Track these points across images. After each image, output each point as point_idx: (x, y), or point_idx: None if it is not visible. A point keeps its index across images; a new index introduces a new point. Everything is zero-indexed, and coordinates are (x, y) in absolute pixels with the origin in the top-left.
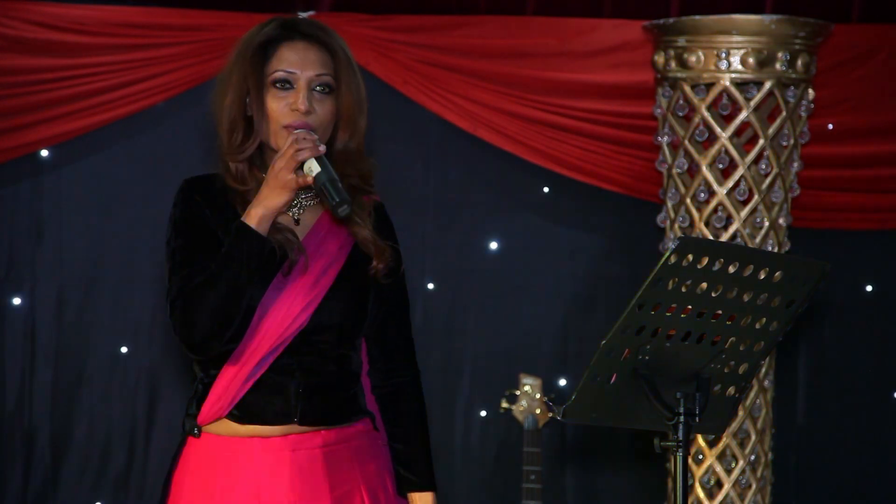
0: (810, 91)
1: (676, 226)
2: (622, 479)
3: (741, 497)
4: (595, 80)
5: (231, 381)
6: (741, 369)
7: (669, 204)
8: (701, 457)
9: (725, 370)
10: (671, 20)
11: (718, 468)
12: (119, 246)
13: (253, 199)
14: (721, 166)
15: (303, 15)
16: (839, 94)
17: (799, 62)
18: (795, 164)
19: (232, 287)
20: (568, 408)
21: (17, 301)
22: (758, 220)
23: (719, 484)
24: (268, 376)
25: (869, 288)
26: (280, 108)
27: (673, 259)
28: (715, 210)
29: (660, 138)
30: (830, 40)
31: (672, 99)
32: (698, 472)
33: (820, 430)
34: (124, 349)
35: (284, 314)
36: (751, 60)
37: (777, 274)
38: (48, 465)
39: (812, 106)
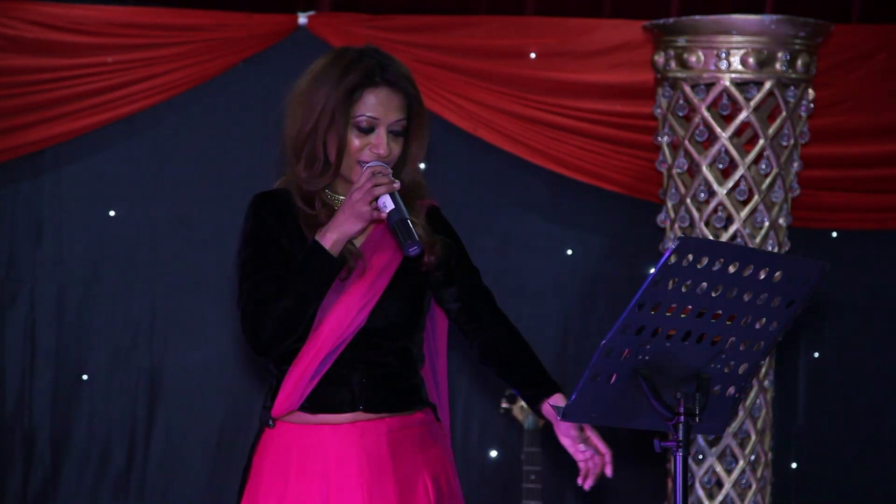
0: (810, 91)
1: (676, 226)
2: (622, 479)
3: (741, 497)
4: (595, 80)
5: (299, 378)
6: (741, 369)
7: (669, 204)
8: (701, 457)
9: (725, 370)
10: (671, 20)
11: (718, 468)
12: (119, 246)
13: (327, 223)
14: (721, 166)
15: (303, 15)
16: (839, 94)
17: (799, 62)
18: (795, 164)
19: (300, 299)
20: (568, 408)
21: (17, 301)
22: (758, 220)
23: (719, 484)
24: (333, 370)
25: (869, 288)
26: (360, 147)
27: (673, 259)
28: (715, 210)
29: (660, 138)
30: (830, 40)
31: (672, 99)
32: (698, 472)
33: (820, 430)
34: (124, 349)
35: (343, 315)
36: (751, 60)
37: (777, 274)
38: (48, 465)
39: (812, 106)
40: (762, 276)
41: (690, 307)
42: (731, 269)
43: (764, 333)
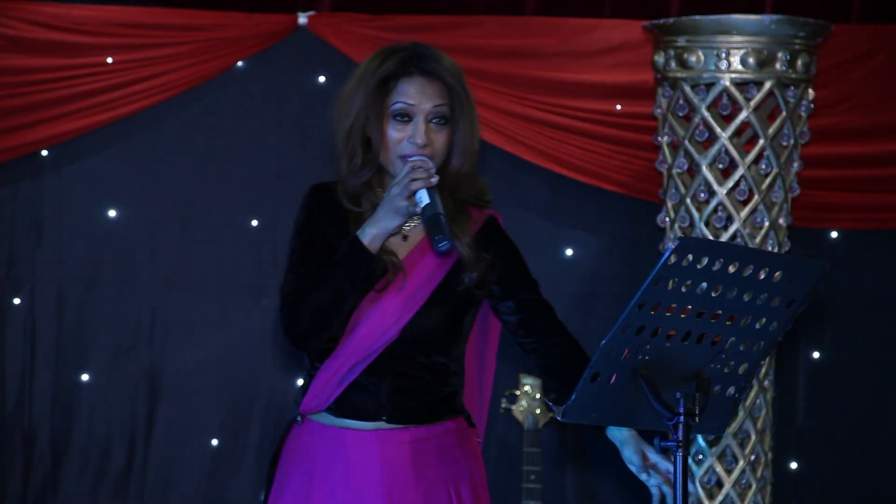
0: (810, 91)
1: (676, 226)
2: (622, 479)
3: (741, 497)
4: (595, 80)
5: (328, 381)
6: (741, 369)
7: (669, 204)
8: (701, 457)
9: (725, 370)
10: (671, 20)
11: (718, 468)
12: (119, 246)
13: (368, 218)
14: (721, 166)
15: (303, 15)
16: (839, 94)
17: (799, 62)
18: (795, 164)
19: (336, 293)
20: (568, 408)
21: (17, 301)
22: (758, 220)
23: (719, 484)
24: (363, 377)
25: (867, 288)
26: (399, 139)
27: (673, 259)
28: (715, 210)
29: (660, 138)
30: (830, 40)
31: (672, 99)
32: (698, 472)
33: (820, 430)
34: (124, 349)
35: (376, 326)
36: (751, 60)
37: (777, 274)
38: (48, 465)
39: (812, 106)
40: (762, 276)
41: (690, 307)
42: (731, 269)
43: (764, 333)
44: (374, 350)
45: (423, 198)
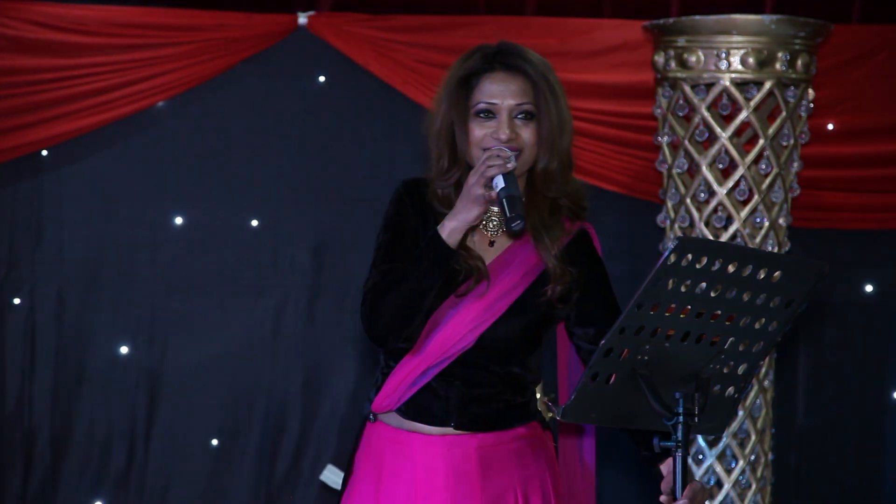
0: (810, 91)
1: (676, 226)
2: (622, 479)
3: (741, 497)
4: (595, 80)
5: (399, 383)
6: (740, 369)
7: (669, 204)
8: (701, 457)
9: (725, 370)
10: (671, 20)
11: (718, 468)
12: (119, 246)
13: (450, 212)
14: (721, 166)
15: (303, 15)
16: (839, 94)
17: (799, 62)
18: (795, 164)
19: (415, 289)
20: (567, 407)
21: (17, 301)
22: (758, 220)
23: (719, 484)
24: (434, 381)
25: (869, 288)
26: (483, 135)
27: (672, 259)
28: (715, 210)
29: (660, 138)
30: (830, 40)
31: (672, 99)
32: (698, 472)
33: (820, 430)
34: (124, 349)
35: (452, 332)
36: (751, 60)
37: (776, 274)
38: (48, 465)
39: (812, 106)
40: (761, 276)
41: (690, 307)
42: (731, 269)
43: (763, 333)
44: (448, 356)
45: (499, 182)
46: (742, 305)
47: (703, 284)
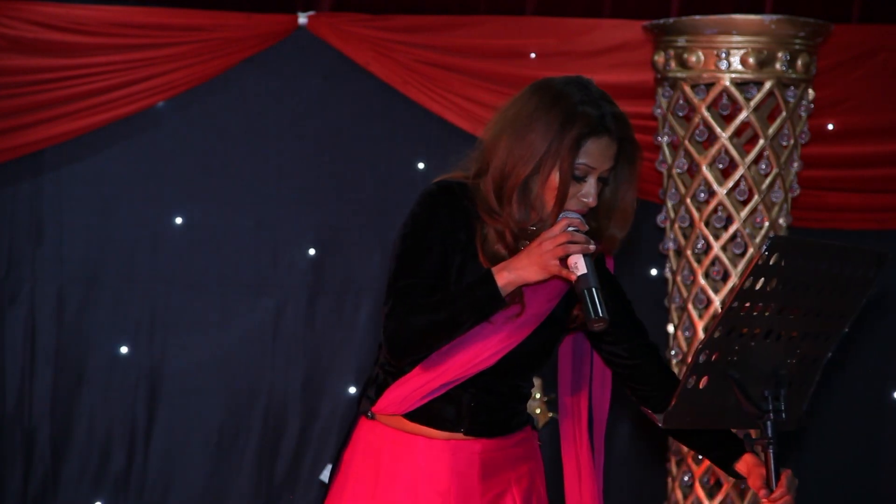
0: (810, 91)
1: (676, 226)
2: (622, 479)
3: (741, 497)
4: (595, 80)
5: (412, 392)
6: (811, 362)
7: (669, 204)
8: (701, 457)
9: (799, 364)
10: (671, 20)
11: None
12: (119, 246)
13: (510, 260)
14: (721, 166)
15: (303, 15)
16: (839, 94)
17: (799, 62)
18: (795, 164)
19: (451, 322)
20: (668, 414)
21: (17, 301)
22: (758, 220)
23: (719, 484)
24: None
25: None
26: (571, 194)
27: (767, 259)
28: (715, 210)
29: (660, 138)
30: (830, 40)
31: (672, 99)
32: (698, 472)
33: (820, 431)
34: (124, 349)
35: (475, 354)
36: (751, 60)
37: (844, 266)
38: (48, 465)
39: (812, 106)
40: (833, 269)
41: (773, 304)
42: (809, 265)
43: (833, 325)
44: (466, 376)
45: (580, 266)
46: (817, 299)
47: (786, 282)
